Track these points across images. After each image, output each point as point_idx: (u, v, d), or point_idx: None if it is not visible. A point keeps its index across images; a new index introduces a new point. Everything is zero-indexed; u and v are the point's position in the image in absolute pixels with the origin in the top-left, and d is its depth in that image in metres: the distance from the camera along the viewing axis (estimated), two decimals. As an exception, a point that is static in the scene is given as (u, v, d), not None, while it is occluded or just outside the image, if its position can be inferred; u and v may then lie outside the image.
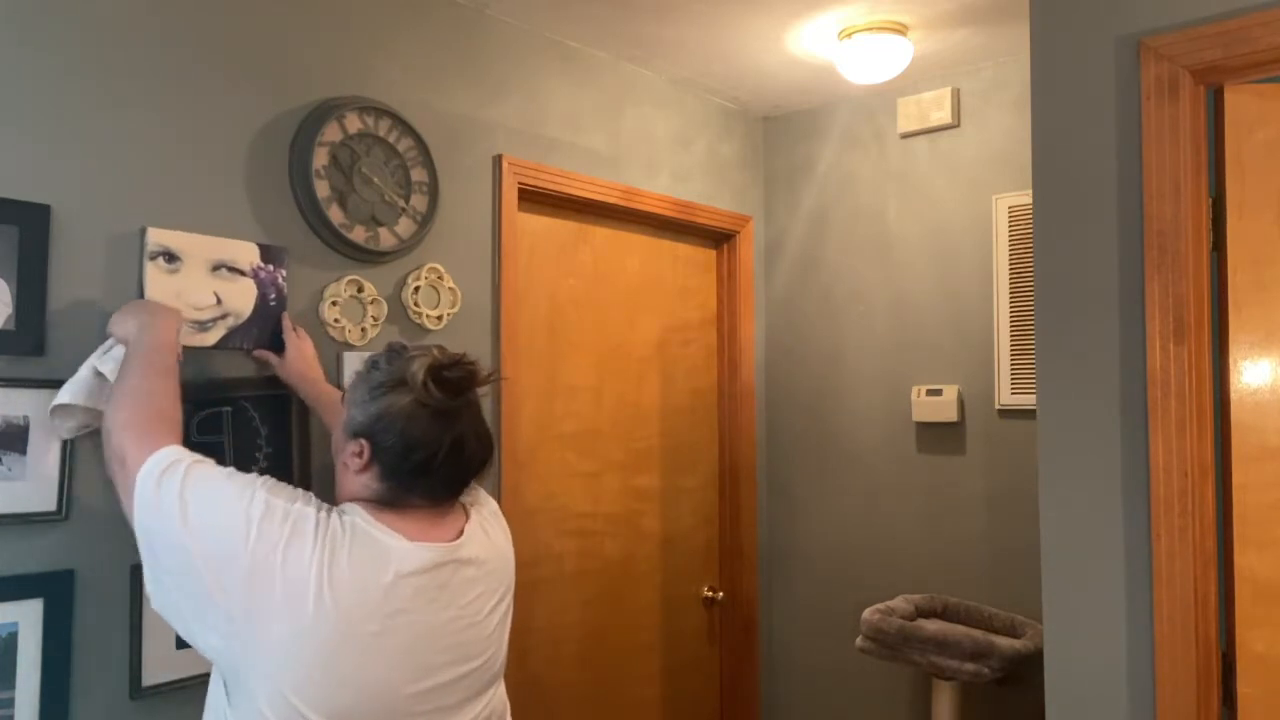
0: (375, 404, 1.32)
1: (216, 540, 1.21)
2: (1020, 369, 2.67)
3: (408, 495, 1.32)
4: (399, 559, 1.26)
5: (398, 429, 1.30)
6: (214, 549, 1.20)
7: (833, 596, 3.07)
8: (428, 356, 1.32)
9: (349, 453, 1.34)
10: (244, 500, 1.23)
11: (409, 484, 1.31)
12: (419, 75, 2.21)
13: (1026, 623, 2.52)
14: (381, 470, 1.31)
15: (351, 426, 1.34)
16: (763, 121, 3.29)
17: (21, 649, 1.55)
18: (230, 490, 1.25)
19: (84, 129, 1.67)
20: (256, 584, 1.18)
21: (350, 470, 1.34)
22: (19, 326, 1.56)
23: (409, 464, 1.30)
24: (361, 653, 1.22)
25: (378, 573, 1.23)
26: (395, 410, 1.30)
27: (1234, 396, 1.59)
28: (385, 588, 1.23)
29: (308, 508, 1.26)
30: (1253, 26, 1.51)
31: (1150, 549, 1.59)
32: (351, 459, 1.33)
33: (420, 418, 1.30)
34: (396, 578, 1.25)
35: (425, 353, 1.33)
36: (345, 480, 1.36)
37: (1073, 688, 1.68)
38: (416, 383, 1.30)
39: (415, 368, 1.31)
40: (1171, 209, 1.57)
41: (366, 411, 1.32)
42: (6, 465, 1.54)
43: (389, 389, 1.32)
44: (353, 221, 2.02)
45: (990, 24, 2.49)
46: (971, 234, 2.80)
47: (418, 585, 1.27)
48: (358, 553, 1.23)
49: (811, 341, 3.15)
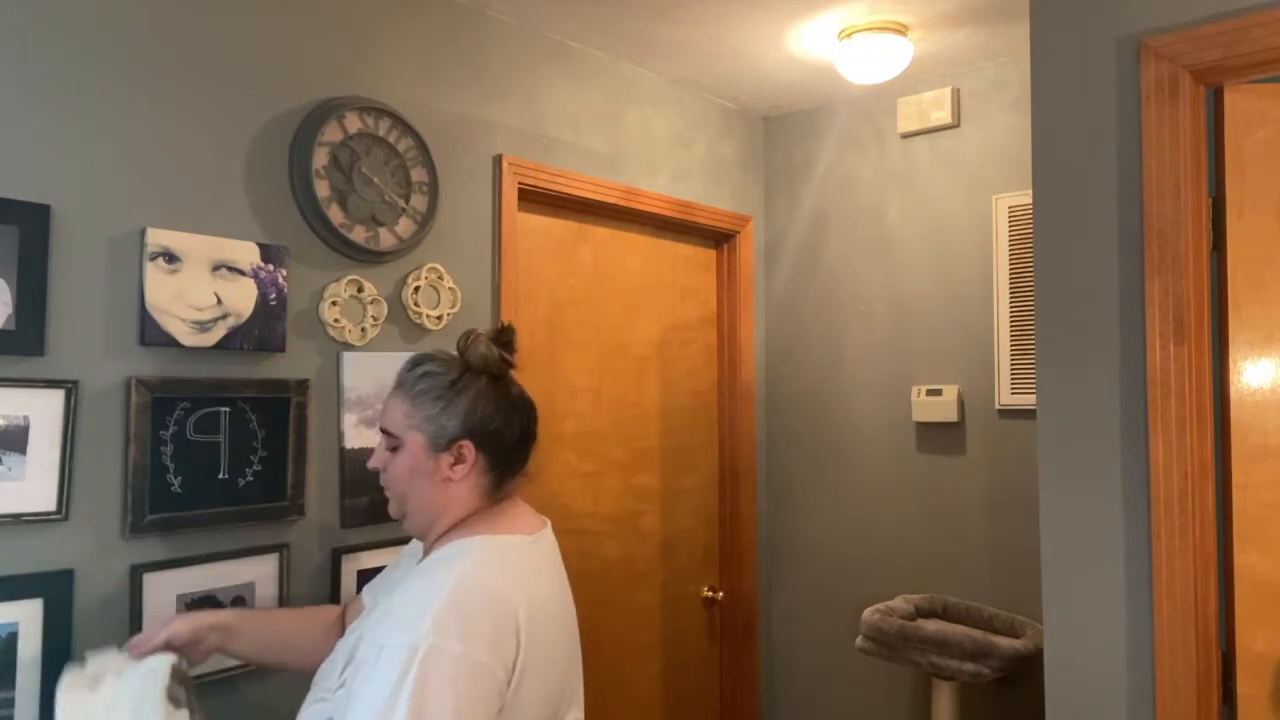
0: (460, 400, 1.33)
1: None
2: (1020, 369, 2.67)
3: (511, 474, 1.37)
4: (534, 565, 1.30)
5: (493, 409, 1.34)
6: None
7: (833, 596, 3.07)
8: (479, 338, 1.36)
9: (445, 465, 1.33)
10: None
11: (513, 459, 1.36)
12: (419, 75, 2.21)
13: (1026, 623, 2.52)
14: (488, 460, 1.34)
15: (445, 436, 1.33)
16: (763, 121, 3.28)
17: (21, 649, 1.55)
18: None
19: (84, 129, 1.67)
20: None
21: (453, 482, 1.33)
22: (19, 326, 1.56)
23: (512, 436, 1.35)
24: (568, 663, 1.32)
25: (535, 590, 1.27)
26: (481, 394, 1.34)
27: (1234, 396, 1.59)
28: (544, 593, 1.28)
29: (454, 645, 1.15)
30: (1253, 26, 1.51)
31: (1150, 549, 1.59)
32: (453, 470, 1.33)
33: (500, 390, 1.36)
34: (537, 578, 1.29)
35: (473, 338, 1.37)
36: (445, 498, 1.34)
37: (1073, 688, 1.68)
38: (493, 358, 1.35)
39: (482, 349, 1.35)
40: (1171, 209, 1.57)
41: (454, 412, 1.33)
42: (6, 465, 1.54)
43: (464, 381, 1.34)
44: (353, 221, 2.02)
45: (990, 24, 2.49)
46: (971, 234, 2.80)
47: (553, 572, 1.33)
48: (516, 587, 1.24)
49: (811, 341, 3.14)
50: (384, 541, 2.07)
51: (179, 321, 1.74)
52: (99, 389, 1.66)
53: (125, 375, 1.69)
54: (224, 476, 1.81)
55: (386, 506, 1.42)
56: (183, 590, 1.75)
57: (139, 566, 1.69)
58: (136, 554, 1.70)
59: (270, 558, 1.87)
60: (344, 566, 1.99)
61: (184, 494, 1.75)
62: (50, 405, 1.59)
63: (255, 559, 1.85)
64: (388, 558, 2.06)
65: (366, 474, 2.03)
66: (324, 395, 1.99)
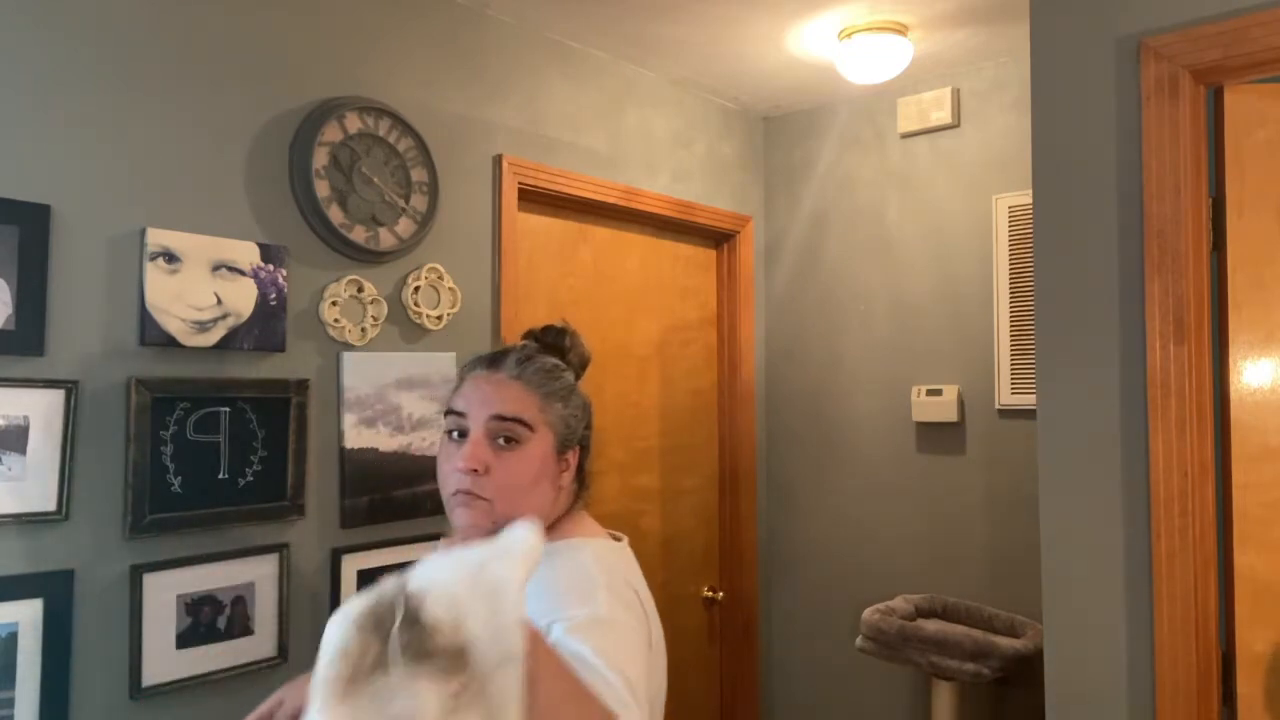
0: (576, 400, 1.22)
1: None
2: (1020, 369, 2.67)
3: (587, 485, 1.26)
4: (634, 567, 1.22)
5: (587, 410, 1.25)
6: None
7: (833, 596, 3.07)
8: (578, 334, 1.28)
9: (559, 470, 1.19)
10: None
11: (586, 460, 1.25)
12: (419, 75, 2.21)
13: (1026, 623, 2.52)
14: (579, 464, 1.23)
15: (573, 439, 1.21)
16: (763, 121, 3.28)
17: (21, 649, 1.55)
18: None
19: (84, 129, 1.67)
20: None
21: (562, 490, 1.20)
22: (19, 326, 1.56)
23: (590, 437, 1.25)
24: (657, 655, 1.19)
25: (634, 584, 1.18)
26: (581, 394, 1.24)
27: (1234, 396, 1.59)
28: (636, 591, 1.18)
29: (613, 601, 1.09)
30: (1252, 26, 1.51)
31: (1150, 549, 1.59)
32: (566, 476, 1.20)
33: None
34: (640, 580, 1.22)
35: (573, 334, 1.28)
36: (552, 508, 1.19)
37: (1073, 688, 1.67)
38: (590, 359, 1.27)
39: (584, 348, 1.28)
40: (1171, 209, 1.57)
41: (579, 415, 1.22)
42: (6, 465, 1.54)
43: (572, 381, 1.24)
44: (353, 221, 2.02)
45: (990, 24, 2.49)
46: (971, 234, 2.80)
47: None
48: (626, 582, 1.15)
49: (811, 341, 3.14)
50: (384, 541, 2.07)
51: (179, 321, 1.74)
52: (99, 389, 1.66)
53: (125, 375, 1.70)
54: (224, 476, 1.81)
55: (469, 500, 1.11)
56: (183, 590, 1.75)
57: (139, 566, 1.69)
58: (136, 554, 1.70)
59: (270, 558, 1.87)
60: (344, 566, 1.99)
61: (184, 494, 1.75)
62: (50, 405, 1.59)
63: (255, 559, 1.85)
64: (388, 558, 2.06)
65: (367, 474, 2.03)
66: (324, 395, 1.99)
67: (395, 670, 0.61)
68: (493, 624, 0.65)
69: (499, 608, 0.65)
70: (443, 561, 0.67)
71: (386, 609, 0.64)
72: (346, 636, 0.62)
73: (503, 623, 0.65)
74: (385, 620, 0.63)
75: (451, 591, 0.65)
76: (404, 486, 2.11)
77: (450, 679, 0.62)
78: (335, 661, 0.62)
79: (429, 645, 0.62)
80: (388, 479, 2.08)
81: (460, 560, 0.68)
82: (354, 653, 0.62)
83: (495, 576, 0.66)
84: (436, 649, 0.62)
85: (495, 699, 0.63)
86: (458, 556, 0.68)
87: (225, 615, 1.81)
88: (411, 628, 0.62)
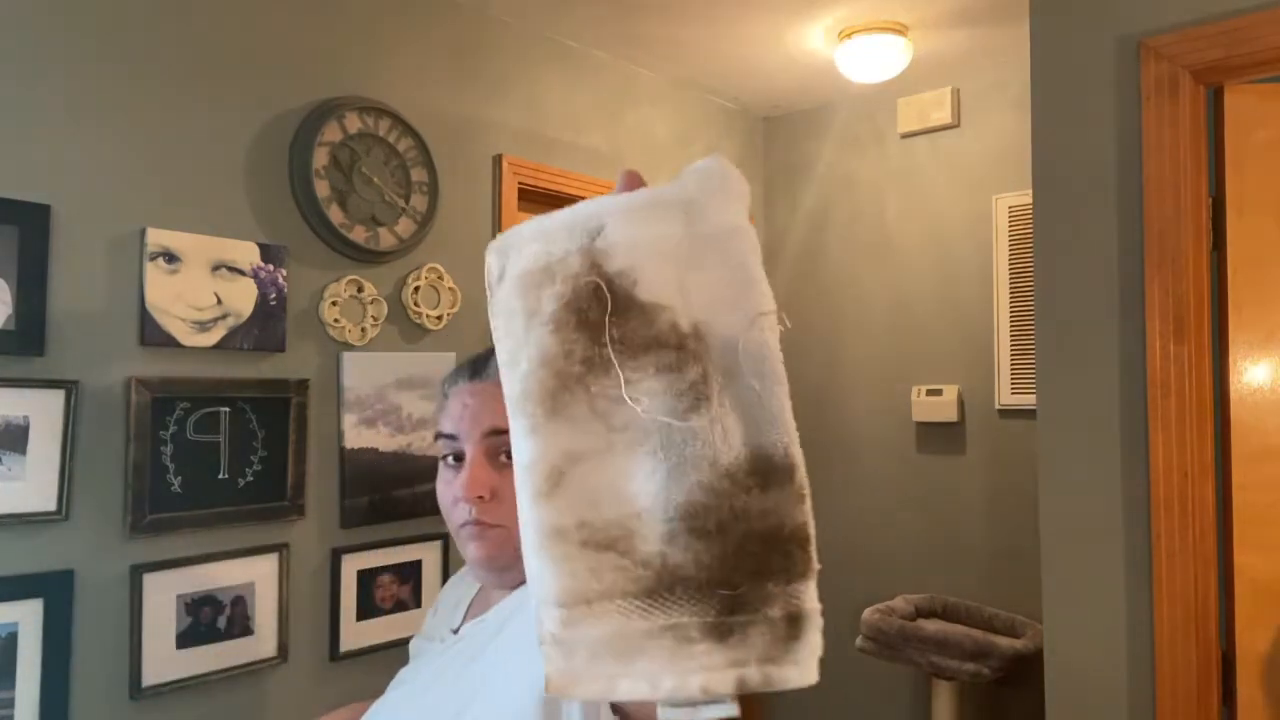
0: None
1: None
2: (1020, 369, 2.67)
3: None
4: None
5: None
6: None
7: (833, 596, 3.06)
8: None
9: None
10: None
11: None
12: (419, 75, 2.21)
13: (1026, 623, 2.52)
14: None
15: None
16: (763, 121, 3.28)
17: (21, 649, 1.55)
18: None
19: (84, 129, 1.67)
20: None
21: None
22: (19, 326, 1.56)
23: None
24: None
25: None
26: None
27: (1234, 396, 1.59)
28: None
29: None
30: (1252, 26, 1.51)
31: (1150, 549, 1.59)
32: None
33: None
34: None
35: None
36: None
37: (1073, 688, 1.67)
38: None
39: None
40: (1171, 209, 1.57)
41: None
42: (6, 465, 1.54)
43: None
44: (353, 221, 2.02)
45: (990, 24, 2.49)
46: (971, 234, 2.80)
47: None
48: None
49: (811, 341, 3.14)
50: (384, 541, 2.07)
51: (179, 321, 1.74)
52: (99, 389, 1.66)
53: (125, 375, 1.69)
54: (224, 476, 1.81)
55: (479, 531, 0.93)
56: (183, 590, 1.75)
57: (139, 566, 1.69)
58: (136, 554, 1.70)
59: (270, 558, 1.87)
60: (344, 566, 1.99)
61: (184, 494, 1.75)
62: (50, 405, 1.59)
63: (255, 559, 1.85)
64: (387, 558, 2.06)
65: (366, 474, 2.03)
66: (324, 395, 1.99)
67: (611, 370, 0.47)
68: (733, 288, 0.50)
69: (735, 263, 0.50)
70: (615, 202, 0.49)
71: (566, 270, 0.48)
72: (543, 341, 0.48)
73: (746, 280, 0.51)
74: (580, 297, 0.48)
75: (662, 251, 0.48)
76: (404, 486, 2.11)
77: (685, 371, 0.48)
78: (535, 372, 0.48)
79: (650, 331, 0.48)
80: (388, 479, 2.08)
81: (647, 203, 0.49)
82: (555, 356, 0.48)
83: (716, 225, 0.49)
84: (661, 336, 0.48)
85: (750, 389, 0.49)
86: (638, 198, 0.50)
87: (225, 615, 1.81)
88: (625, 315, 0.48)
